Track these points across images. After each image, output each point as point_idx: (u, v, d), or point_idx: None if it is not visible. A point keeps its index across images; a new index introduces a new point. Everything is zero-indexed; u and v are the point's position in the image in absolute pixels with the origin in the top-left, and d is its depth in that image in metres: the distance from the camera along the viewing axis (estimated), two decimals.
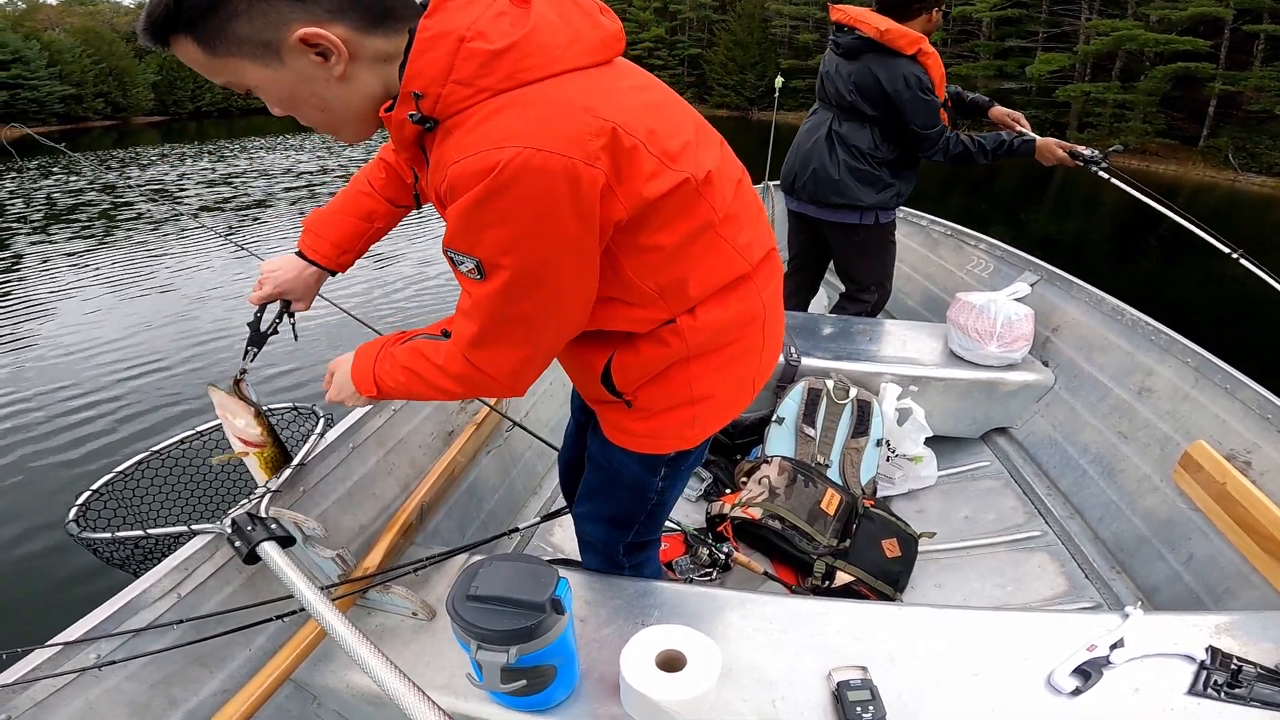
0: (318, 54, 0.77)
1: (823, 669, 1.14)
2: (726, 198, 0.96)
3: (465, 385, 0.97)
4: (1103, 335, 2.26)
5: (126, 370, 4.64)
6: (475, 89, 0.77)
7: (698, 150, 0.91)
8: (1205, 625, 1.21)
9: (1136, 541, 1.86)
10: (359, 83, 0.81)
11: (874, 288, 2.84)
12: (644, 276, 0.93)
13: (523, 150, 0.73)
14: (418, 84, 0.78)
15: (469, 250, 0.81)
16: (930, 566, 1.98)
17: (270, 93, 0.81)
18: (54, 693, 0.99)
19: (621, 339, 1.04)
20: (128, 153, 19.25)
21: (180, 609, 1.15)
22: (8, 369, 4.74)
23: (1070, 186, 14.39)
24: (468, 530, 1.85)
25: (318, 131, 0.90)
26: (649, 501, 1.27)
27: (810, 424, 2.23)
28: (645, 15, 41.39)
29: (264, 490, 1.27)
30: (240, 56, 0.76)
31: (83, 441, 3.81)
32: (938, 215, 3.49)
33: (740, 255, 1.00)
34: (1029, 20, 24.65)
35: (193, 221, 8.21)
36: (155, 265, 7.27)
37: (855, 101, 2.52)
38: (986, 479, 2.35)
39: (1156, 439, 1.94)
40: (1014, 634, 1.22)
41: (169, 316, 5.63)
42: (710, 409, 1.10)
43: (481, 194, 0.75)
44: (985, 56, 25.65)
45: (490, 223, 0.77)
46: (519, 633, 0.94)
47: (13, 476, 3.49)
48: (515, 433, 2.09)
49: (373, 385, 1.05)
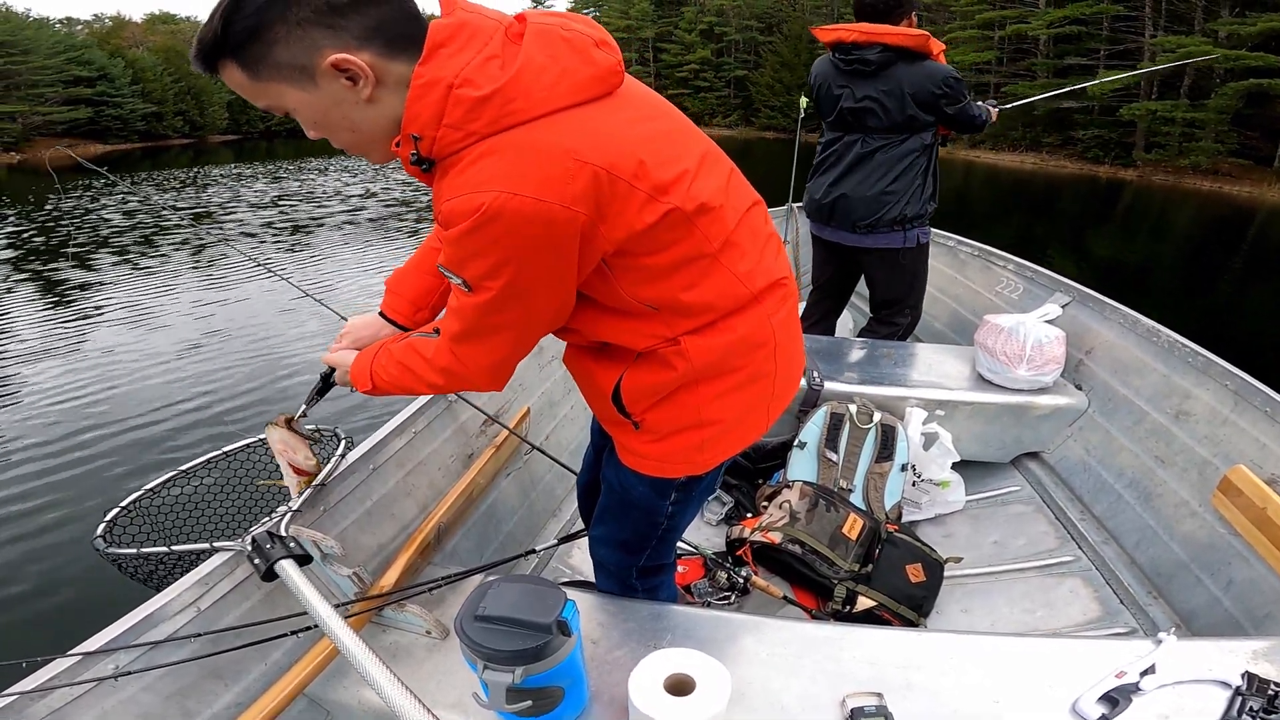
0: (347, 78, 0.83)
1: (837, 695, 1.12)
2: (727, 226, 0.97)
3: (448, 377, 1.03)
4: (1138, 358, 2.20)
5: (156, 393, 4.78)
6: (465, 132, 0.83)
7: (695, 180, 0.92)
8: (1242, 651, 1.16)
9: (1174, 566, 1.80)
10: (384, 105, 0.86)
11: (909, 310, 2.80)
12: (636, 291, 0.96)
13: (500, 195, 0.80)
14: (414, 127, 0.85)
15: (457, 272, 0.89)
16: (957, 591, 1.93)
17: (305, 114, 0.87)
18: (70, 701, 1.01)
19: (631, 359, 1.05)
20: (164, 174, 19.94)
21: (199, 623, 1.17)
22: (44, 391, 4.92)
23: (1137, 209, 13.85)
24: (486, 551, 1.86)
25: (349, 154, 0.95)
26: (659, 526, 1.26)
27: (833, 448, 2.20)
28: (690, 38, 41.40)
29: (285, 509, 1.29)
30: (280, 80, 0.83)
31: (112, 462, 3.93)
32: (997, 237, 3.40)
33: (740, 282, 1.01)
34: (1089, 38, 23.54)
35: (234, 248, 8.44)
36: (189, 290, 7.48)
37: (895, 117, 2.47)
38: (1017, 504, 2.29)
39: (1195, 463, 1.88)
40: (1040, 660, 1.18)
41: (200, 343, 5.78)
42: (719, 434, 1.10)
43: (466, 229, 0.83)
44: (1043, 75, 24.61)
45: (474, 254, 0.86)
46: (525, 653, 0.94)
47: (47, 493, 3.61)
48: (535, 456, 2.10)
49: (368, 380, 1.13)
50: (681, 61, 41.36)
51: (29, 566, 3.00)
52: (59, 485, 3.67)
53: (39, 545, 3.15)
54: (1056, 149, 23.86)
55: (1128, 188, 18.44)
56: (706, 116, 39.68)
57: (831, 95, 2.62)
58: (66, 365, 5.36)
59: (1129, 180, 19.83)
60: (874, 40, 2.43)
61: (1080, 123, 22.86)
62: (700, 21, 41.56)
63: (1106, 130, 22.26)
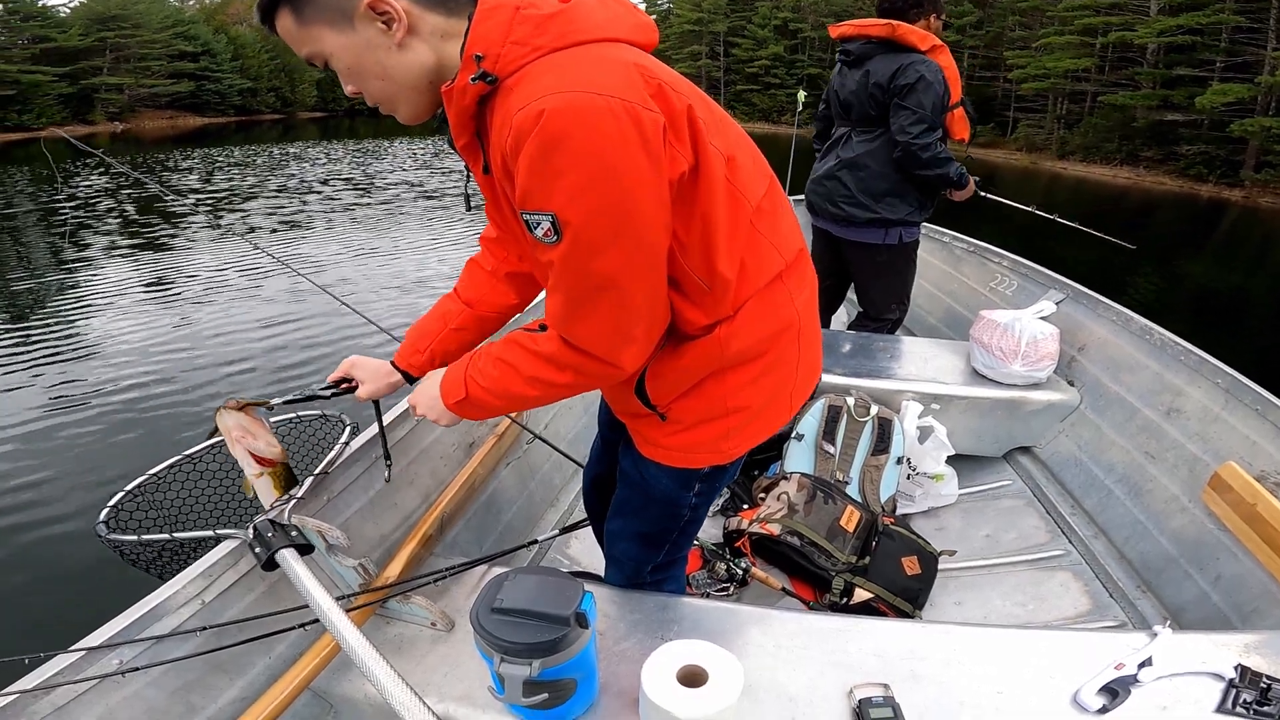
0: (383, 21, 0.85)
1: (844, 686, 1.13)
2: (757, 190, 0.97)
3: (565, 370, 0.94)
4: (1131, 355, 2.23)
5: (164, 376, 4.72)
6: (530, 47, 0.83)
7: (723, 134, 0.93)
8: (1234, 644, 1.19)
9: (1164, 561, 1.83)
10: (415, 53, 0.88)
11: (894, 307, 2.83)
12: (693, 259, 0.93)
13: (583, 94, 0.77)
14: (479, 46, 0.83)
15: (543, 205, 0.81)
16: (950, 584, 1.95)
17: (342, 59, 0.89)
18: (74, 698, 0.99)
19: (658, 348, 1.03)
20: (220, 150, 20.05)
21: (203, 616, 1.15)
22: (50, 374, 4.84)
23: (1240, 233, 12.89)
24: (485, 542, 1.86)
25: (381, 109, 0.95)
26: (681, 518, 1.25)
27: (830, 441, 2.21)
28: (764, 33, 40.27)
29: (288, 497, 1.28)
30: (322, 23, 0.86)
31: (119, 445, 3.88)
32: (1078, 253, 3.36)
33: (776, 250, 1.01)
34: (1203, 48, 21.22)
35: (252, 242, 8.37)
36: (198, 274, 7.38)
37: (866, 108, 2.51)
38: (1008, 498, 2.32)
39: (1185, 459, 1.91)
40: (1039, 652, 1.20)
41: (208, 328, 5.70)
42: (745, 422, 1.09)
43: (546, 141, 0.77)
44: (1148, 85, 22.53)
45: (559, 170, 0.78)
46: (543, 646, 0.94)
47: (49, 477, 3.56)
48: (534, 445, 2.10)
49: (461, 387, 1.03)
50: (753, 57, 40.09)
51: (32, 557, 2.96)
52: (62, 472, 3.61)
53: (42, 534, 3.11)
54: (1156, 164, 21.52)
55: (1231, 209, 16.70)
56: (775, 114, 38.26)
57: (832, 88, 2.69)
58: (69, 349, 5.28)
59: (1233, 201, 17.91)
60: (861, 32, 2.48)
61: (1185, 137, 20.89)
62: (775, 17, 40.31)
63: (1214, 146, 20.13)
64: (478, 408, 1.05)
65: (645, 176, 0.81)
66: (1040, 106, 27.05)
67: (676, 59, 42.90)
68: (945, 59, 2.43)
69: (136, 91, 38.17)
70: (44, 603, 2.68)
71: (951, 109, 2.47)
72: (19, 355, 5.22)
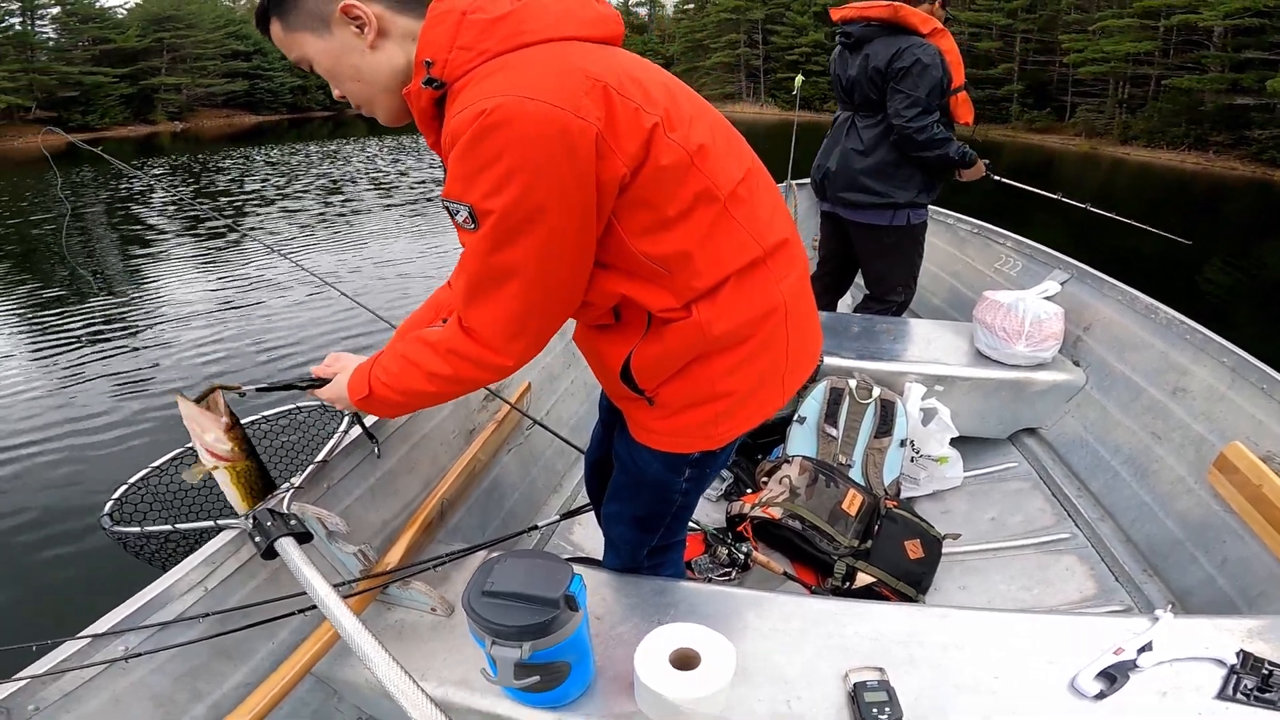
0: (355, 25, 0.90)
1: (839, 670, 1.13)
2: (731, 177, 0.97)
3: (455, 360, 0.96)
4: (1136, 334, 2.21)
5: (168, 372, 4.77)
6: (476, 52, 0.85)
7: (693, 124, 0.93)
8: (1237, 629, 1.18)
9: (1169, 544, 1.82)
10: (386, 54, 0.92)
11: (900, 288, 2.82)
12: (645, 246, 0.93)
13: (510, 99, 0.79)
14: (428, 52, 0.87)
15: (461, 195, 0.85)
16: (955, 568, 1.95)
17: (321, 63, 0.95)
18: (82, 684, 1.01)
19: (640, 334, 1.03)
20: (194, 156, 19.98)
21: (206, 602, 1.17)
22: (60, 366, 4.90)
23: None
24: (488, 527, 1.87)
25: (362, 111, 1.00)
26: (673, 503, 1.26)
27: (832, 424, 2.21)
28: (803, 19, 39.40)
29: (287, 485, 1.29)
30: (303, 29, 0.92)
31: (125, 437, 3.93)
32: (1142, 240, 3.22)
33: (752, 239, 1.00)
34: (1272, 30, 20.28)
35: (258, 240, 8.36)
36: (204, 269, 7.46)
37: (868, 92, 2.51)
38: (1014, 480, 2.31)
39: (1191, 440, 1.89)
40: (1038, 636, 1.19)
41: (210, 320, 5.76)
42: (734, 406, 1.09)
43: (472, 137, 0.80)
44: (1215, 68, 21.57)
45: (481, 166, 0.82)
46: (532, 628, 0.95)
47: (55, 470, 3.61)
48: (536, 431, 2.11)
49: (365, 385, 1.06)
50: (792, 44, 39.19)
51: (39, 547, 3.00)
52: (67, 464, 3.67)
53: (48, 525, 3.15)
54: (1226, 149, 20.62)
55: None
56: (817, 102, 36.90)
57: (835, 72, 2.68)
58: (77, 342, 5.34)
59: None
60: (862, 14, 2.47)
61: (1257, 121, 20.02)
62: (815, 3, 39.08)
63: None
64: (382, 404, 1.07)
65: (565, 182, 0.83)
66: (1100, 91, 26.13)
67: (714, 47, 42.33)
68: (946, 42, 2.42)
69: (194, 91, 39.55)
70: (51, 591, 2.73)
71: (954, 93, 2.47)
72: (31, 347, 5.30)
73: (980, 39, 30.61)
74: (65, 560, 2.88)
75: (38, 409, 4.27)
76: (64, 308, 6.32)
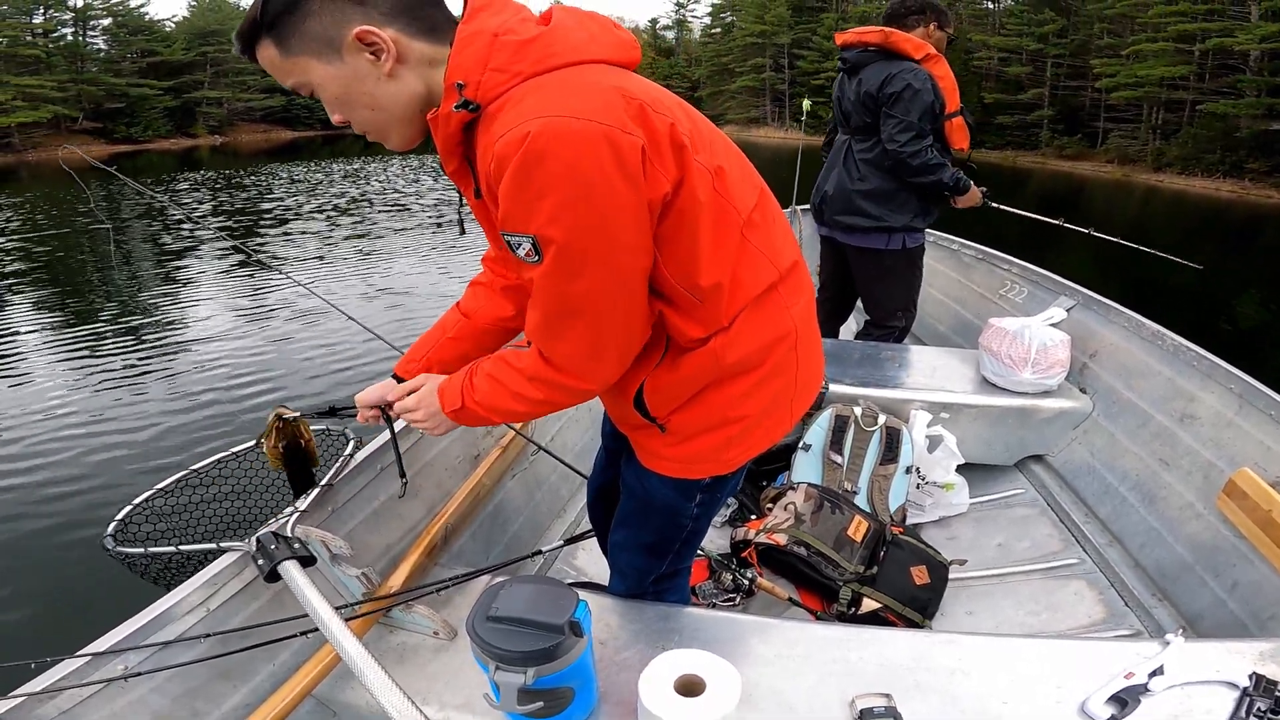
0: (371, 52, 0.86)
1: (845, 696, 1.12)
2: (747, 201, 0.98)
3: (541, 386, 0.97)
4: (1143, 361, 2.21)
5: (170, 392, 4.78)
6: (510, 73, 0.84)
7: (711, 147, 0.94)
8: (1249, 652, 1.16)
9: (1179, 568, 1.80)
10: (404, 82, 0.89)
11: (900, 313, 2.82)
12: (680, 273, 0.93)
13: (562, 119, 0.78)
14: (459, 75, 0.85)
15: (522, 228, 0.83)
16: (962, 594, 1.93)
17: (329, 90, 0.89)
18: (79, 703, 1.01)
19: (655, 362, 1.03)
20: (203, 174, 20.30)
21: (208, 623, 1.17)
22: (64, 384, 4.93)
23: None
24: (492, 552, 1.86)
25: (369, 138, 0.96)
26: (684, 529, 1.25)
27: (838, 450, 2.20)
28: (829, 44, 37.76)
29: (291, 510, 1.30)
30: (308, 54, 0.86)
31: (124, 461, 3.93)
32: (1175, 271, 3.19)
33: (770, 262, 1.01)
34: None
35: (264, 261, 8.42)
36: (207, 291, 7.51)
37: (862, 116, 2.55)
38: (1021, 506, 2.29)
39: (1199, 466, 1.88)
40: (1047, 661, 1.18)
41: (213, 343, 5.78)
42: (745, 431, 1.09)
43: (522, 163, 0.78)
44: (1252, 93, 20.77)
45: (537, 194, 0.80)
46: (537, 654, 0.94)
47: (57, 491, 3.61)
48: (540, 457, 2.11)
49: (458, 398, 1.06)
50: (818, 69, 38.65)
51: (39, 566, 2.99)
52: (70, 484, 3.66)
53: (49, 544, 3.15)
54: (1263, 176, 19.59)
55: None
56: None
57: (835, 96, 2.73)
58: (77, 364, 5.36)
59: None
60: (859, 40, 2.52)
61: None
62: (841, 28, 39.10)
63: None
64: (473, 418, 1.08)
65: (623, 200, 0.82)
66: (1133, 116, 25.30)
67: (739, 71, 42.45)
68: (940, 68, 2.45)
69: (234, 105, 40.78)
70: (50, 609, 2.72)
71: (949, 118, 2.50)
72: (40, 364, 5.33)
73: (1010, 64, 30.22)
74: (67, 578, 2.87)
75: (43, 424, 4.30)
76: (79, 324, 6.36)
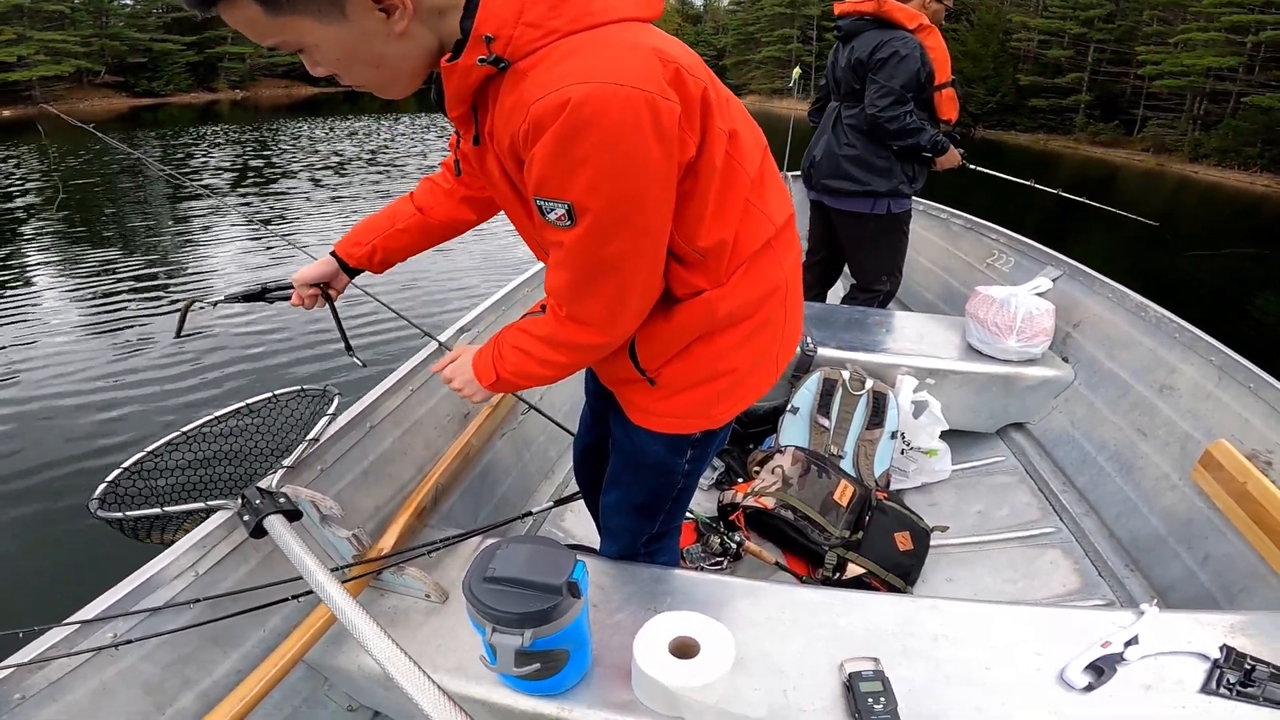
0: (381, 9, 0.78)
1: (834, 660, 1.14)
2: (755, 162, 0.98)
3: (564, 350, 0.99)
4: (1125, 332, 2.23)
5: (158, 357, 4.68)
6: (545, 30, 0.80)
7: (729, 106, 0.93)
8: (1220, 624, 1.20)
9: (1152, 540, 1.85)
10: (417, 38, 0.83)
11: (885, 278, 2.86)
12: (691, 233, 0.94)
13: (606, 85, 0.76)
14: (489, 26, 0.80)
15: (559, 194, 0.82)
16: (941, 560, 1.97)
17: (328, 51, 0.81)
18: (69, 672, 0.99)
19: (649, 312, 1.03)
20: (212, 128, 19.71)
21: (197, 587, 1.15)
22: (52, 349, 4.81)
23: None
24: (480, 513, 1.86)
25: (361, 89, 0.89)
26: (675, 485, 1.25)
27: (825, 414, 2.22)
28: None
29: (279, 467, 1.28)
30: (304, 14, 0.77)
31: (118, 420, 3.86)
32: (1201, 262, 3.21)
33: (769, 219, 1.02)
34: None
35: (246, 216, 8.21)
36: (192, 250, 7.31)
37: (851, 83, 2.58)
38: (1001, 474, 2.33)
39: (1177, 437, 1.92)
40: (1028, 628, 1.21)
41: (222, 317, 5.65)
42: (733, 385, 1.10)
43: (564, 130, 0.76)
44: None
45: (578, 162, 0.78)
46: (534, 615, 0.95)
47: (44, 455, 3.55)
48: (529, 416, 2.10)
49: (492, 371, 1.07)
50: None
51: (25, 532, 2.94)
52: (58, 448, 3.59)
53: (37, 509, 3.09)
54: None
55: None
56: None
57: (829, 63, 2.75)
58: (65, 327, 5.22)
59: None
60: (855, 9, 2.54)
61: None
62: None
63: None
64: (510, 385, 1.10)
65: (658, 166, 0.82)
66: (1174, 105, 24.24)
67: (766, 41, 41.78)
68: (933, 39, 2.48)
69: (256, 60, 40.36)
70: (38, 577, 2.68)
71: (939, 89, 2.52)
72: (29, 326, 5.20)
73: (1050, 47, 28.79)
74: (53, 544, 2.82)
75: (27, 392, 4.20)
76: (73, 278, 6.18)
